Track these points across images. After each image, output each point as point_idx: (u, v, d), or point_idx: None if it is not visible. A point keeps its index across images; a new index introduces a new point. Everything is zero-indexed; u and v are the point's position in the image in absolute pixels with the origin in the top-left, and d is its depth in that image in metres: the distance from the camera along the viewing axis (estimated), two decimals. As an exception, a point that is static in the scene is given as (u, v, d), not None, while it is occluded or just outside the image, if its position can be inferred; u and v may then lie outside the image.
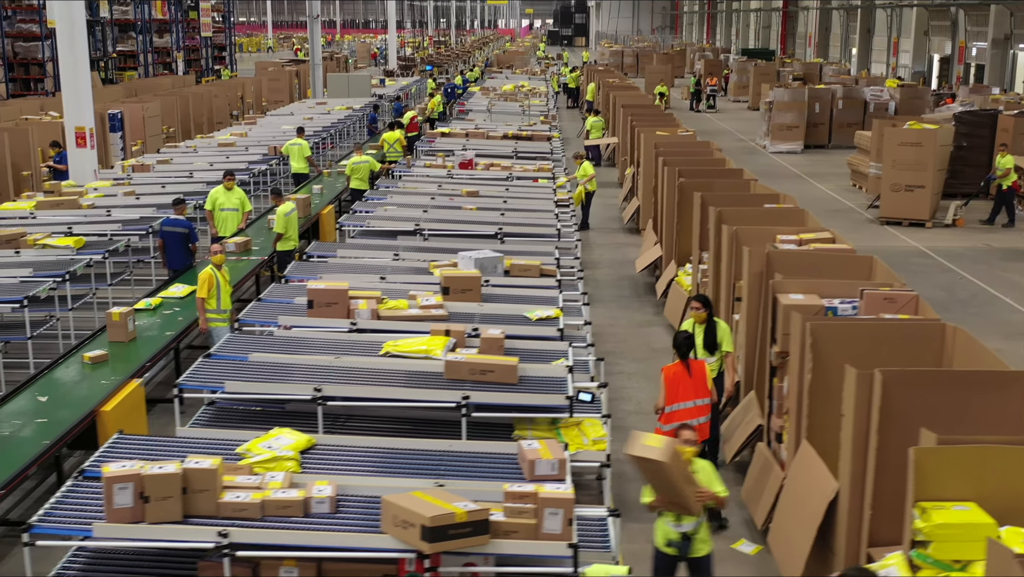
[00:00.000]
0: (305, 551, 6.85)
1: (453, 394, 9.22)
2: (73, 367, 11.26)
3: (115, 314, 11.88)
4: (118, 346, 11.76)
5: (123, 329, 11.88)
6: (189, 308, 13.10)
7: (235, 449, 8.04)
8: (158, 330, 12.45)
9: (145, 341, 12.07)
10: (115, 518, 6.82)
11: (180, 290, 13.80)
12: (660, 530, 7.48)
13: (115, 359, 11.37)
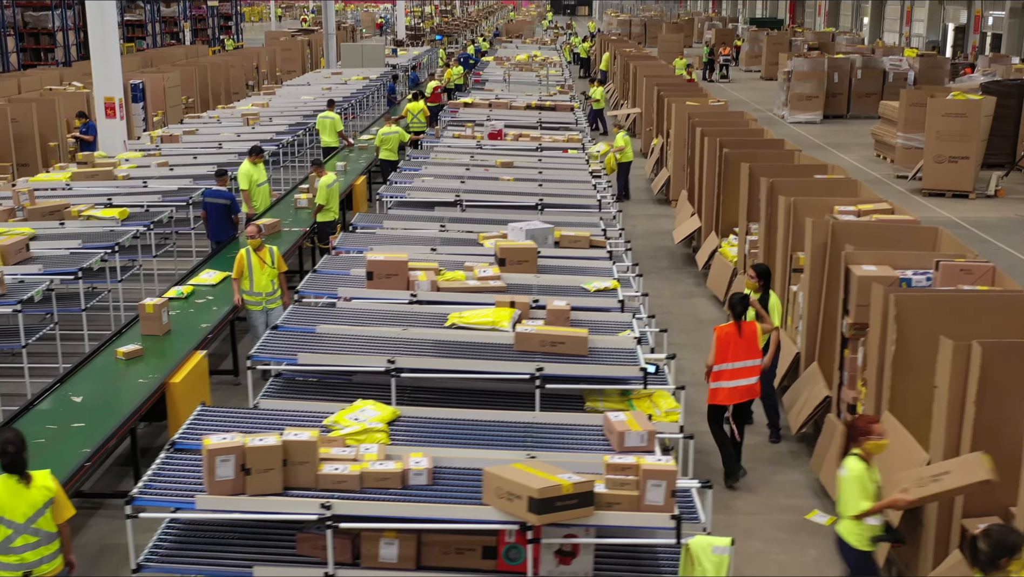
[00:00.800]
0: (405, 522, 6.84)
1: (526, 366, 9.20)
2: (108, 362, 10.71)
3: (149, 306, 11.26)
4: (152, 340, 11.18)
5: (157, 322, 11.28)
6: (222, 296, 12.66)
7: (322, 421, 8.02)
8: (192, 321, 11.90)
9: (180, 335, 11.44)
10: (216, 490, 6.81)
11: (212, 277, 13.21)
12: (863, 531, 7.26)
13: (150, 354, 10.80)
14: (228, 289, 12.55)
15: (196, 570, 7.07)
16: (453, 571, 7.01)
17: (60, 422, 9.16)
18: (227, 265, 13.27)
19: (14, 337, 11.01)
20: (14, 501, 6.57)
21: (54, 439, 8.80)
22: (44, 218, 14.34)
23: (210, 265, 13.98)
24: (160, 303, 11.23)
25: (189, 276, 13.49)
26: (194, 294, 12.68)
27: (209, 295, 12.70)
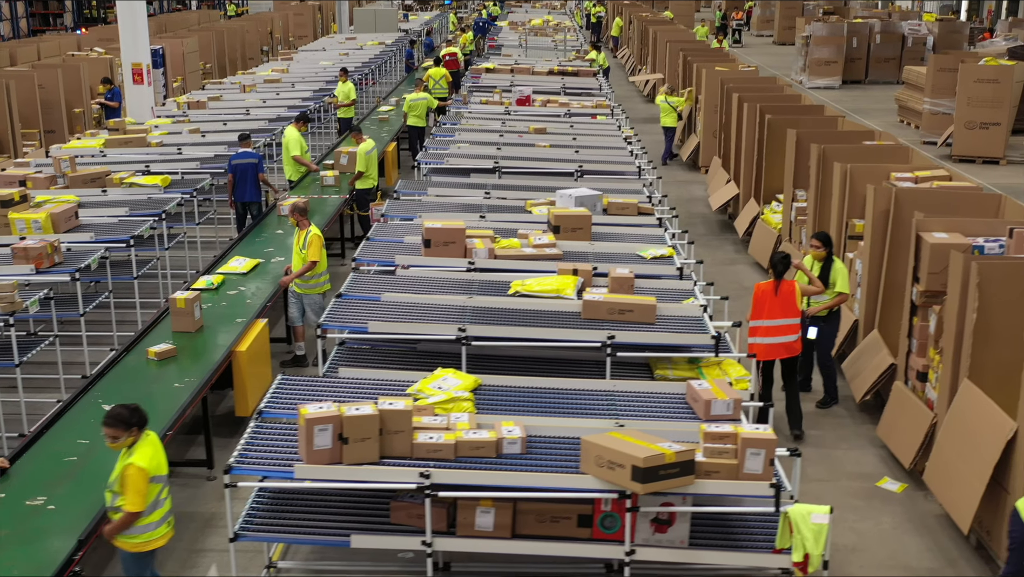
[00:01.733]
0: (503, 491, 6.84)
1: (595, 334, 9.18)
2: (139, 363, 9.78)
3: (180, 300, 10.29)
4: (184, 337, 10.24)
5: (189, 318, 10.33)
6: (255, 286, 11.71)
7: (403, 390, 8.01)
8: (226, 316, 10.87)
9: (214, 332, 10.45)
10: (314, 459, 6.80)
11: (242, 264, 12.18)
12: None
13: (184, 354, 9.89)
14: (260, 278, 11.95)
15: (294, 539, 7.09)
16: (548, 539, 7.03)
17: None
18: (257, 251, 12.82)
19: (71, 305, 10.94)
20: (161, 457, 6.67)
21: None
22: (85, 185, 14.24)
23: (239, 251, 12.93)
24: (192, 297, 10.29)
25: (217, 263, 12.49)
26: (224, 285, 11.69)
27: (240, 284, 11.74)
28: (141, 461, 6.41)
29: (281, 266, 12.22)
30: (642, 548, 6.89)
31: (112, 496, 6.55)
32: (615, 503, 6.90)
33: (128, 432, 6.46)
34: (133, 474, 6.37)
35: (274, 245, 13.39)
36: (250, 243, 13.53)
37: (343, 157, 16.44)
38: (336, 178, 16.09)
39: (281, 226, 14.13)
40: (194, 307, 10.30)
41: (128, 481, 6.38)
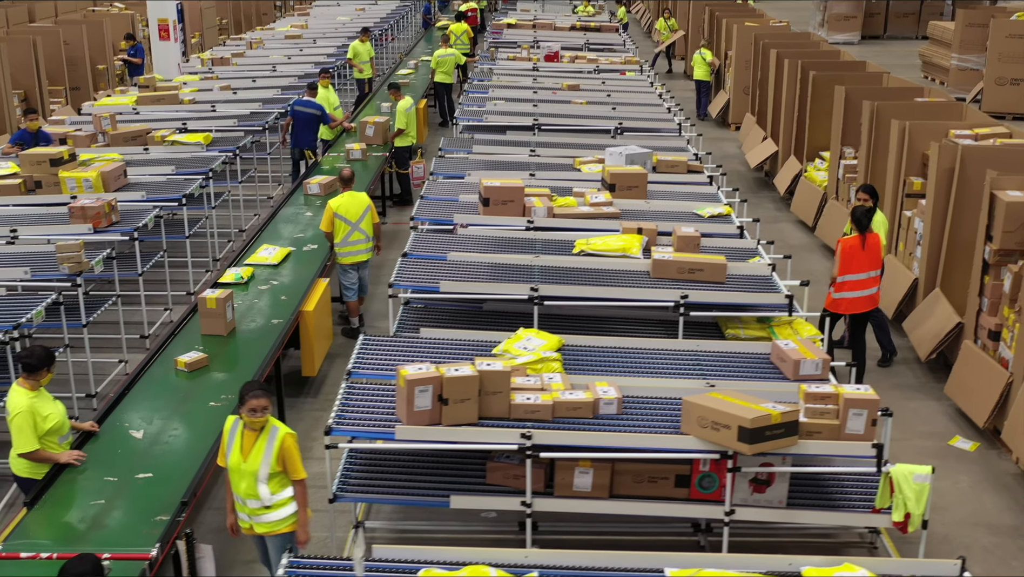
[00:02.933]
0: (603, 452, 6.82)
1: (669, 293, 9.13)
2: (167, 374, 8.58)
3: (210, 300, 9.13)
4: (216, 343, 9.05)
5: (220, 319, 9.17)
6: (288, 280, 10.52)
7: (489, 350, 7.97)
8: (260, 316, 9.64)
9: (248, 336, 9.25)
10: (414, 420, 6.76)
11: (272, 255, 11.00)
12: None
13: (216, 362, 8.70)
14: (294, 272, 10.73)
15: (394, 500, 7.08)
16: (645, 499, 7.02)
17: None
18: (286, 238, 11.76)
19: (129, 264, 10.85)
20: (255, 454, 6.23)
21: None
22: (126, 143, 14.12)
23: (267, 239, 11.68)
24: (223, 296, 9.17)
25: (244, 252, 11.33)
26: (255, 279, 10.46)
27: (273, 278, 10.52)
28: (289, 429, 6.23)
29: (310, 252, 11.38)
30: (741, 508, 6.88)
31: (261, 487, 6.16)
32: (714, 463, 6.89)
33: (271, 406, 6.23)
34: (292, 444, 6.18)
35: (304, 226, 12.26)
36: (277, 231, 12.11)
37: (368, 128, 15.76)
38: (363, 151, 15.20)
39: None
40: (226, 308, 9.19)
41: (291, 452, 6.16)
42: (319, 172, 14.31)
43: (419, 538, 7.85)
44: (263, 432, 6.19)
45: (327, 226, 10.86)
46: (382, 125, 15.78)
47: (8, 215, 11.14)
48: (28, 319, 8.47)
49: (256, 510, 6.29)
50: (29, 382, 6.86)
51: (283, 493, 6.26)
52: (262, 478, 6.16)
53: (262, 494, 6.21)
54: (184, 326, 9.47)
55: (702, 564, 5.37)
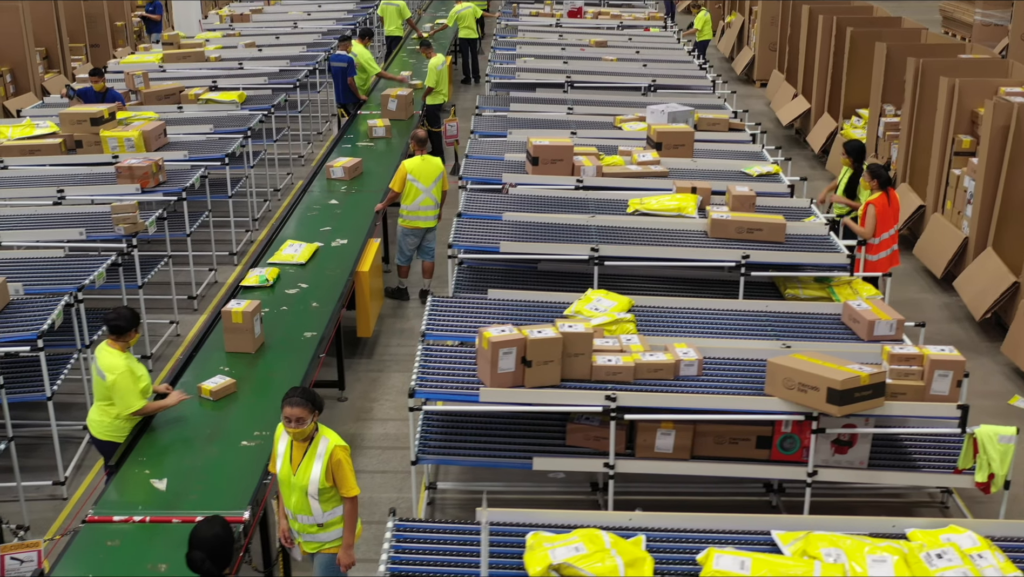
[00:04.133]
0: (688, 414, 6.79)
1: (728, 253, 9.08)
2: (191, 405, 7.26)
3: (236, 313, 7.85)
4: (242, 363, 7.80)
5: (248, 335, 7.91)
6: (318, 282, 9.31)
7: (561, 312, 7.93)
8: (290, 327, 8.42)
9: (279, 353, 8.01)
10: (497, 382, 6.73)
11: (298, 252, 9.78)
12: None
13: (245, 387, 7.47)
14: (323, 272, 9.53)
15: (474, 462, 7.06)
16: (726, 460, 7.01)
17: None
18: (312, 232, 10.47)
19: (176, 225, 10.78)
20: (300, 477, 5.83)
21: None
22: (160, 102, 13.97)
23: (290, 232, 10.52)
24: (250, 309, 7.90)
25: (267, 249, 10.11)
26: (281, 280, 9.28)
27: (301, 280, 9.33)
28: (341, 441, 5.75)
29: (339, 247, 10.17)
30: (823, 469, 6.88)
31: (313, 504, 5.75)
32: (796, 425, 6.87)
33: (313, 415, 5.67)
34: (343, 457, 5.68)
35: (331, 217, 11.03)
36: (302, 223, 10.92)
37: (391, 102, 14.70)
38: (387, 128, 13.95)
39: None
40: (253, 322, 7.95)
41: (341, 466, 5.66)
42: (342, 154, 13.05)
43: (490, 500, 7.86)
44: (312, 444, 5.72)
45: (398, 186, 10.83)
46: (405, 99, 14.84)
47: (52, 175, 11.04)
48: (91, 280, 8.40)
49: (307, 527, 5.86)
50: (118, 344, 6.81)
51: (337, 511, 5.83)
52: (312, 494, 5.72)
53: (314, 511, 5.78)
54: (203, 342, 8.27)
55: (806, 526, 5.35)
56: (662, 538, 5.33)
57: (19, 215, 9.96)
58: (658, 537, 5.32)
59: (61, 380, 7.96)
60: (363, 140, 13.90)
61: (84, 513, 5.97)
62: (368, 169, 12.49)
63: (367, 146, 13.55)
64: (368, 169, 12.49)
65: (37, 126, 12.05)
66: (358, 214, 11.06)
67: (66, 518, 7.64)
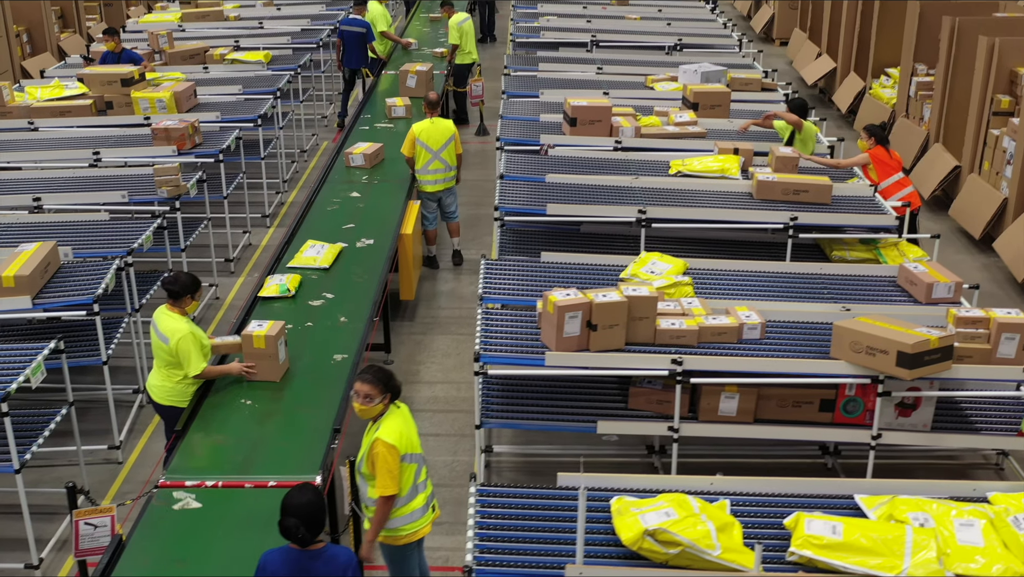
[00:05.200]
0: (747, 377, 6.77)
1: (776, 215, 9.02)
2: None
3: (258, 337, 6.88)
4: (266, 395, 6.91)
5: (272, 362, 6.97)
6: (345, 290, 8.38)
7: (617, 274, 7.89)
8: (318, 347, 7.50)
9: (307, 380, 7.10)
10: (563, 346, 6.70)
11: (320, 253, 8.82)
12: None
13: (267, 422, 6.68)
14: (350, 279, 8.60)
15: (538, 425, 7.04)
16: (790, 424, 7.00)
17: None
18: (334, 229, 9.55)
19: (213, 187, 10.68)
20: (412, 433, 5.69)
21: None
22: (185, 62, 13.83)
23: (310, 231, 9.49)
24: (273, 332, 6.91)
25: (285, 251, 9.09)
26: (303, 289, 8.34)
27: (326, 289, 8.36)
28: (388, 436, 5.41)
29: (366, 248, 9.27)
30: (887, 432, 6.87)
31: (362, 480, 5.66)
32: (860, 388, 6.86)
33: (383, 397, 5.50)
34: (382, 452, 5.38)
35: (353, 212, 10.07)
36: (327, 204, 10.30)
37: (410, 79, 13.81)
38: (407, 107, 13.03)
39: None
40: (278, 347, 6.97)
41: (378, 460, 5.39)
42: (361, 138, 12.10)
43: (547, 463, 7.88)
44: (373, 425, 5.57)
45: (408, 151, 10.67)
46: (425, 75, 13.77)
47: (86, 137, 10.94)
48: (139, 243, 8.34)
49: (364, 504, 5.73)
50: (176, 309, 6.77)
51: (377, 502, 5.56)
52: (359, 470, 5.62)
53: (362, 489, 5.67)
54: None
55: (888, 491, 5.35)
56: (744, 502, 5.33)
57: (57, 178, 9.87)
58: (741, 501, 5.32)
59: (115, 344, 7.91)
60: (381, 120, 13.04)
61: (140, 476, 5.96)
62: (390, 156, 11.49)
63: (386, 128, 12.68)
64: (390, 156, 11.49)
65: (66, 87, 11.92)
66: (384, 209, 10.10)
67: (123, 482, 7.63)
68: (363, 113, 13.36)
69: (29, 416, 6.80)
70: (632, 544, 4.82)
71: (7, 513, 7.18)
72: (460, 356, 9.41)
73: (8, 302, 7.32)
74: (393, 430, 5.47)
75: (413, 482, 5.62)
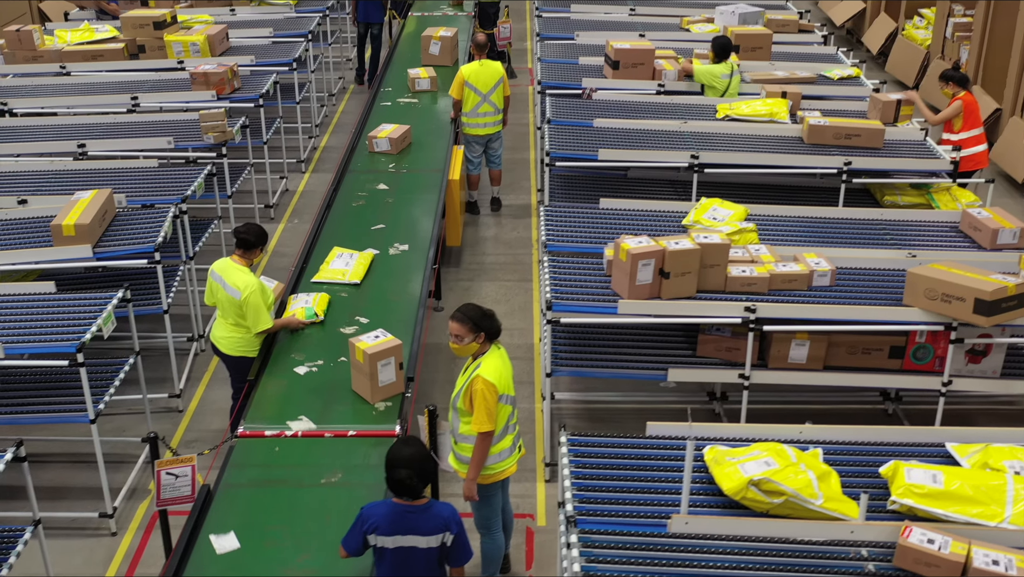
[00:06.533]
0: (818, 324, 6.74)
1: (830, 160, 8.94)
2: None
3: (359, 350, 6.20)
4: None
5: (370, 381, 6.19)
6: (377, 309, 7.24)
7: (679, 221, 7.84)
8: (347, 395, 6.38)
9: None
10: (635, 294, 6.67)
11: (348, 266, 7.63)
12: None
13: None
14: (384, 298, 7.43)
15: (609, 373, 7.03)
16: (858, 371, 6.99)
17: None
18: (361, 231, 8.37)
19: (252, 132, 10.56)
20: (508, 374, 5.71)
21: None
22: (211, 4, 13.60)
23: (334, 235, 8.32)
24: (376, 350, 6.15)
25: (309, 259, 7.97)
26: (332, 311, 7.18)
27: (358, 310, 7.21)
28: (489, 374, 5.47)
29: (400, 256, 8.04)
30: (957, 378, 6.87)
31: (456, 416, 5.73)
32: (931, 335, 6.84)
33: (475, 336, 5.53)
34: (482, 389, 5.43)
35: (381, 209, 8.79)
36: (349, 199, 9.04)
37: (433, 45, 12.51)
38: (432, 79, 11.73)
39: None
40: (378, 367, 6.19)
41: (476, 397, 5.45)
42: (382, 116, 10.85)
43: (607, 410, 7.89)
44: (472, 363, 5.63)
45: (456, 93, 10.53)
46: (449, 41, 12.60)
47: (120, 81, 10.78)
48: (192, 191, 8.25)
49: (455, 440, 5.80)
50: (244, 261, 6.71)
51: (472, 439, 5.63)
52: (453, 404, 5.70)
53: (453, 422, 5.74)
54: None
55: (978, 439, 5.35)
56: (835, 451, 5.32)
57: (97, 123, 9.73)
58: (831, 450, 5.31)
59: (173, 292, 7.86)
60: (404, 95, 11.63)
61: (202, 425, 5.84)
62: (418, 140, 10.24)
63: (409, 103, 11.33)
64: (418, 140, 10.24)
65: (96, 30, 11.72)
66: (417, 206, 8.87)
67: (185, 430, 7.63)
68: (383, 86, 12.03)
69: (97, 366, 6.76)
70: (735, 493, 4.82)
71: (74, 462, 7.19)
72: (509, 303, 9.37)
73: (69, 251, 7.25)
74: (493, 369, 5.55)
75: (505, 422, 5.70)
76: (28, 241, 7.52)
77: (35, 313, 6.63)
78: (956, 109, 9.85)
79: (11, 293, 6.83)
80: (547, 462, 7.21)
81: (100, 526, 6.67)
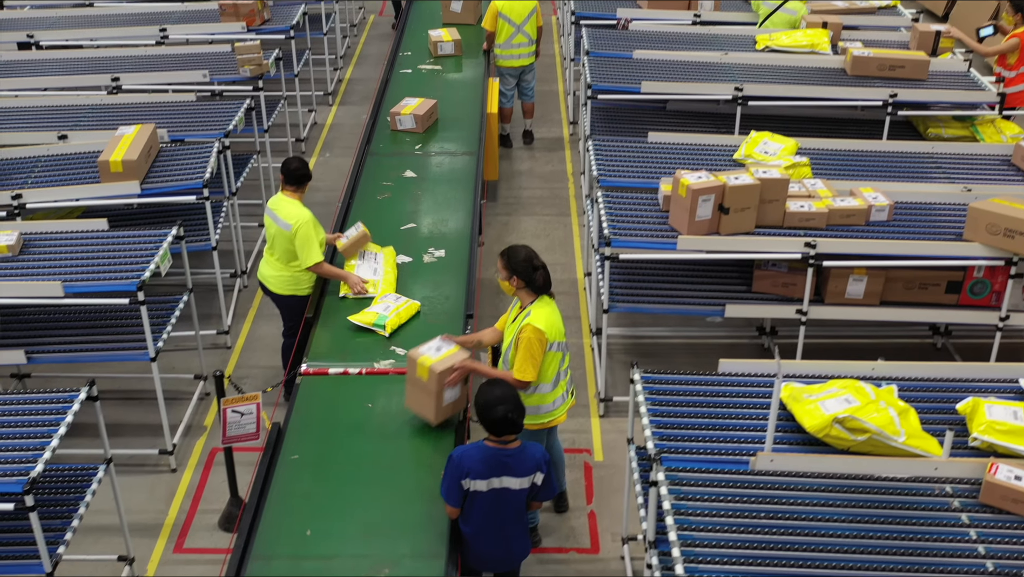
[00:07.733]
0: (877, 259, 6.71)
1: (875, 92, 8.82)
2: None
3: (422, 366, 5.40)
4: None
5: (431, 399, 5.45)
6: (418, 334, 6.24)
7: (731, 155, 7.77)
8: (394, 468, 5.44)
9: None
10: (694, 230, 6.62)
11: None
12: None
13: None
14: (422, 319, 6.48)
15: (667, 309, 7.01)
16: (916, 306, 6.97)
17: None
18: (390, 232, 7.28)
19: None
20: (558, 322, 5.63)
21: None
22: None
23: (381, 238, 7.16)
24: (441, 367, 5.37)
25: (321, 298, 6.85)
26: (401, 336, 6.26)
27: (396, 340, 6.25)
28: (539, 322, 5.36)
29: (439, 266, 7.04)
30: (1015, 313, 6.86)
31: (506, 366, 5.61)
32: (988, 270, 6.81)
33: (511, 279, 5.47)
34: (530, 336, 5.32)
35: (412, 206, 7.65)
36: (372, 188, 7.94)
37: (455, 3, 11.30)
38: (456, 43, 10.45)
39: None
40: (442, 388, 5.45)
41: (522, 344, 5.35)
42: (403, 85, 9.71)
43: (656, 345, 7.89)
44: (524, 311, 5.51)
45: (490, 24, 10.36)
46: (472, 5, 11.35)
47: (147, 12, 10.56)
48: (234, 125, 8.13)
49: None
50: (296, 195, 6.64)
51: (521, 390, 5.41)
52: (505, 358, 5.59)
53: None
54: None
55: (1052, 375, 5.36)
56: (909, 388, 5.32)
57: (127, 56, 9.57)
58: (905, 387, 5.31)
59: (219, 228, 7.79)
60: (425, 60, 10.43)
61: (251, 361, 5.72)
62: (445, 115, 9.08)
63: (433, 70, 10.15)
64: (445, 115, 9.08)
65: (118, -40, 11.46)
66: (451, 198, 7.76)
67: (235, 367, 7.62)
68: (401, 49, 10.71)
69: (154, 303, 6.71)
70: (818, 431, 4.82)
71: (127, 399, 7.19)
72: (549, 237, 9.32)
73: (117, 187, 7.18)
74: (543, 317, 5.47)
75: (557, 369, 5.63)
76: (73, 177, 7.43)
77: (92, 251, 6.56)
78: (1012, 45, 9.67)
79: (66, 231, 6.75)
80: (601, 397, 7.22)
81: (160, 463, 6.70)
